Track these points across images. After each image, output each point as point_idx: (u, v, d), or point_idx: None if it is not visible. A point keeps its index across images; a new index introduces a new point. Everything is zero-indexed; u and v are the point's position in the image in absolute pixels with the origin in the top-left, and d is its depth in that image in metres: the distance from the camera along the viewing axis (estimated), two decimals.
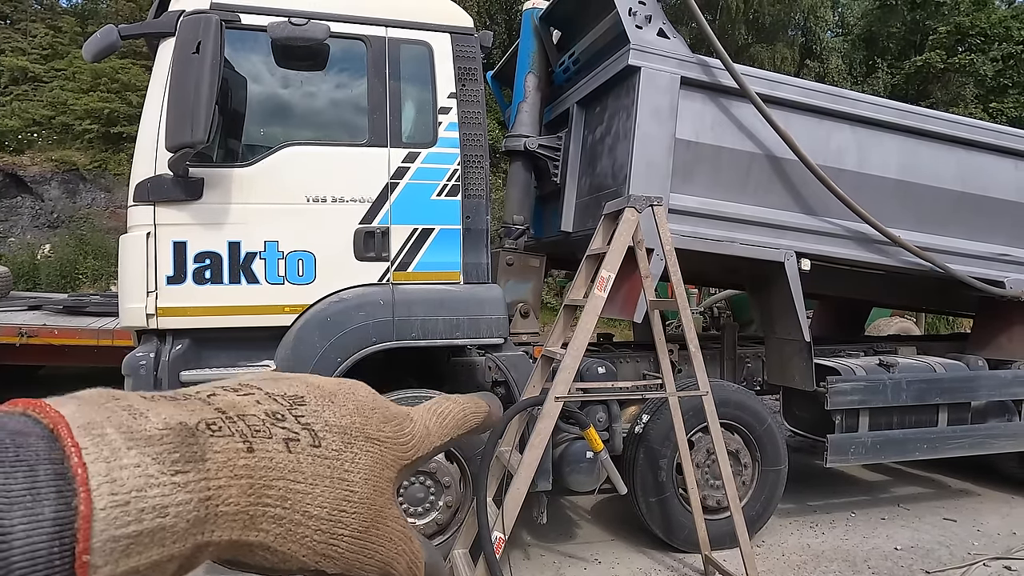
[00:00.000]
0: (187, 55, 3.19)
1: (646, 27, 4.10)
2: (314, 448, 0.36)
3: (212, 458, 0.31)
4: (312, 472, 0.35)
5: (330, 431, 0.37)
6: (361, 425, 0.39)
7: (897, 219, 4.71)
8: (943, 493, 5.66)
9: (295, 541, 0.34)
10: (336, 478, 0.36)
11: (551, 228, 4.94)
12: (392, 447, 0.40)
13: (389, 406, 0.43)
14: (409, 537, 0.41)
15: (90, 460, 0.28)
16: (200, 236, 3.45)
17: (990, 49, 20.99)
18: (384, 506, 0.39)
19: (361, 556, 0.37)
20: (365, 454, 0.38)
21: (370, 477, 0.38)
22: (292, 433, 0.35)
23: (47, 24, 17.25)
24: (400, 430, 0.42)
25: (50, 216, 15.14)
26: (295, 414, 0.36)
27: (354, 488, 0.37)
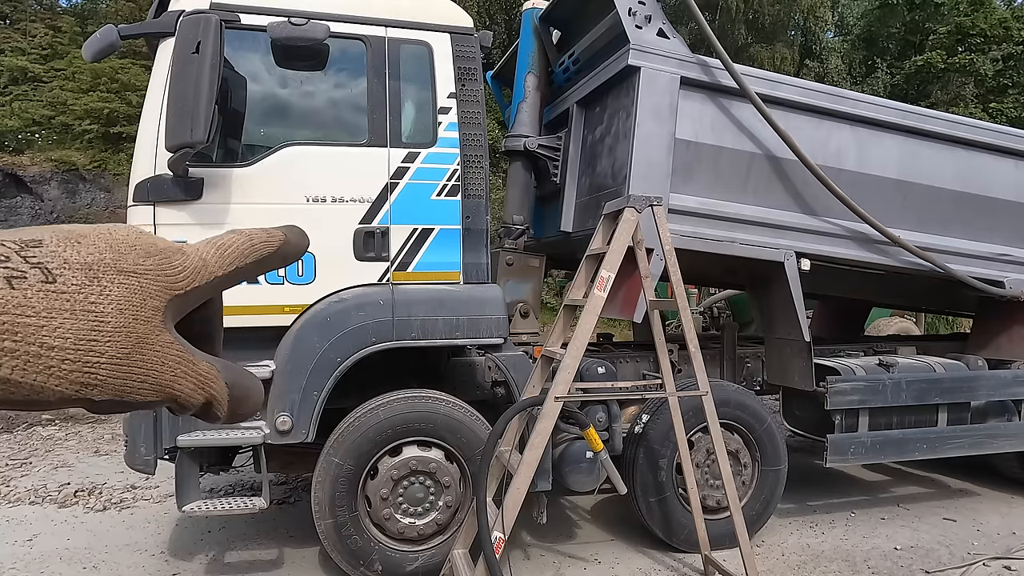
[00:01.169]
0: (187, 55, 3.19)
1: (646, 27, 4.10)
2: (46, 284, 0.35)
3: None
4: (45, 307, 0.34)
5: (69, 268, 0.36)
6: (113, 261, 0.38)
7: (897, 219, 4.71)
8: (943, 493, 5.66)
9: (39, 372, 0.34)
10: (79, 310, 0.35)
11: (551, 228, 4.93)
12: (156, 278, 0.39)
13: (156, 242, 0.41)
14: (191, 360, 0.40)
15: None
16: (200, 236, 3.40)
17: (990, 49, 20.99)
18: (149, 333, 0.38)
19: (130, 381, 0.37)
20: (118, 286, 0.37)
21: (126, 307, 0.37)
22: (17, 272, 0.34)
23: (47, 24, 17.23)
24: (167, 262, 0.40)
25: (50, 216, 15.12)
26: (24, 255, 0.35)
27: (106, 319, 0.36)
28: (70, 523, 4.67)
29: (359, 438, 3.61)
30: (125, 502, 5.07)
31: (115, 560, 4.08)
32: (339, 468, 3.58)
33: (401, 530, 3.68)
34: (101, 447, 6.61)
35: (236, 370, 0.45)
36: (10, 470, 5.83)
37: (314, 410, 3.53)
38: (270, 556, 4.21)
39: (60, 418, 7.67)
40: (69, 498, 5.10)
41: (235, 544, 4.37)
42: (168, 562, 4.09)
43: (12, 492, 5.25)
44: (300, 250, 0.48)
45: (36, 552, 4.17)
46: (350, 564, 3.64)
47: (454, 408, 3.76)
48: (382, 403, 3.66)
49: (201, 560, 4.14)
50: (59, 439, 6.90)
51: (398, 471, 3.66)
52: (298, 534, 4.45)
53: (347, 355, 3.58)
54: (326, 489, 3.58)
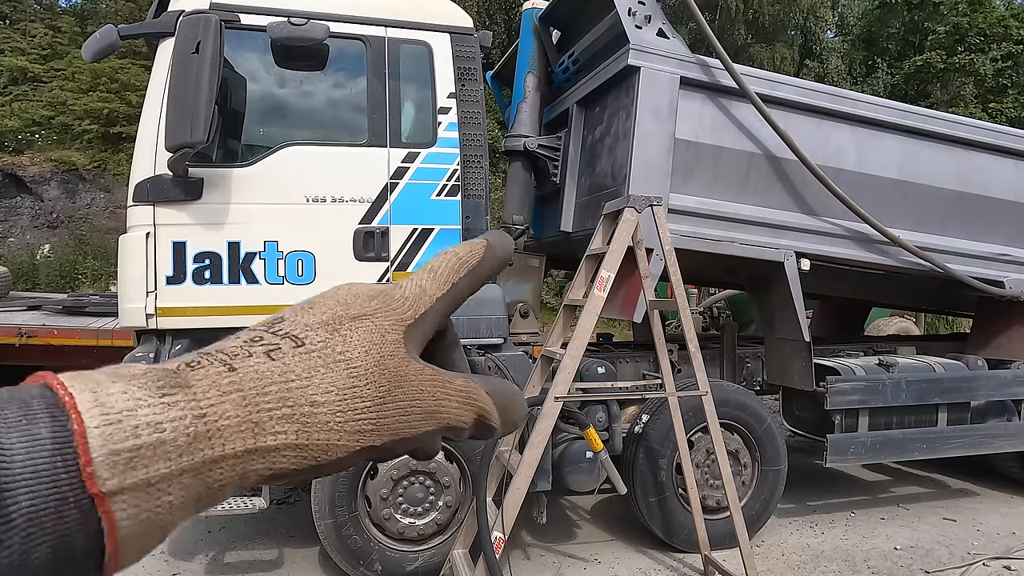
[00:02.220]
0: (187, 55, 3.19)
1: (646, 27, 4.10)
2: (297, 348, 0.37)
3: (196, 384, 0.33)
4: (303, 368, 0.36)
5: (311, 329, 0.38)
6: (344, 312, 0.40)
7: (897, 219, 4.71)
8: (943, 493, 5.66)
9: (319, 430, 0.35)
10: (332, 363, 0.37)
11: (551, 228, 4.93)
12: (385, 314, 0.40)
13: (375, 287, 0.43)
14: (447, 380, 0.41)
15: (77, 391, 0.30)
16: (200, 236, 3.45)
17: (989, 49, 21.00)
18: (399, 366, 0.39)
19: (400, 416, 0.38)
20: (356, 331, 0.39)
21: (370, 348, 0.38)
22: (272, 345, 0.36)
23: (46, 24, 17.24)
24: (388, 298, 0.42)
25: (49, 216, 15.13)
26: (273, 331, 0.38)
27: (356, 363, 0.37)
28: None
29: None
30: None
31: None
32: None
33: (401, 530, 3.68)
34: None
35: (491, 379, 0.45)
36: None
37: None
38: (270, 556, 4.21)
39: None
40: None
41: (235, 544, 4.37)
42: (168, 562, 4.09)
43: None
44: (507, 252, 0.48)
45: None
46: (350, 564, 3.64)
47: None
48: None
49: (201, 560, 4.14)
50: None
51: (398, 471, 3.66)
52: (298, 534, 4.45)
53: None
54: (326, 489, 3.58)
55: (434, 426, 0.40)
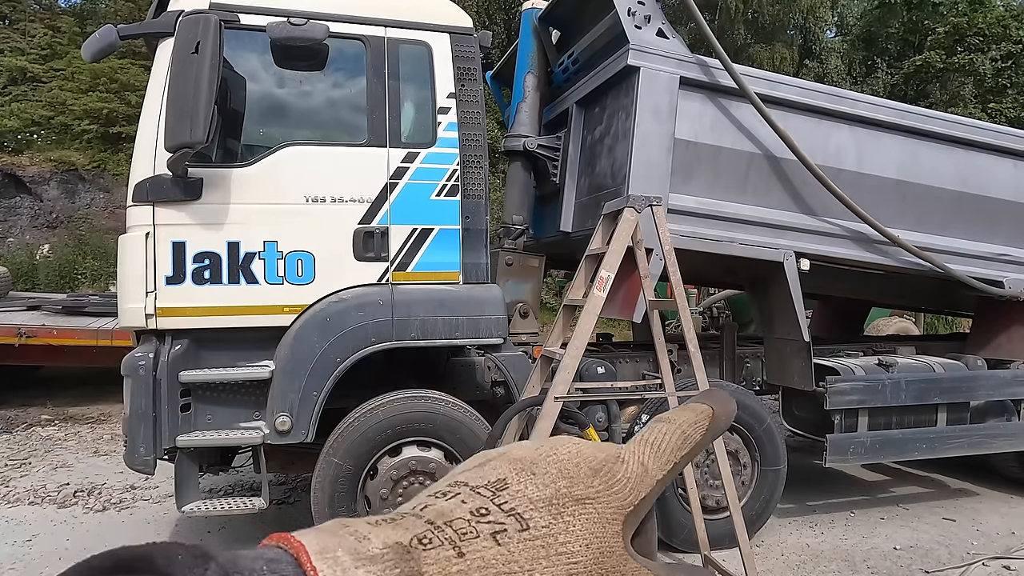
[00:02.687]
0: (186, 55, 3.19)
1: (645, 27, 4.10)
2: (522, 532, 0.36)
3: (428, 570, 0.33)
4: (527, 558, 0.35)
5: (535, 508, 0.37)
6: (567, 489, 0.38)
7: (896, 219, 4.72)
8: (942, 493, 5.66)
9: None
10: (554, 555, 0.36)
11: (550, 228, 4.93)
12: (607, 500, 0.39)
13: (596, 453, 0.41)
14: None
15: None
16: (199, 236, 3.46)
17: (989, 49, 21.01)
18: (617, 565, 0.38)
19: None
20: (579, 519, 0.37)
21: (591, 541, 0.37)
22: (498, 524, 0.36)
23: (46, 24, 17.23)
24: (612, 478, 0.40)
25: (49, 216, 15.13)
26: (497, 502, 0.37)
27: (576, 558, 0.36)
28: (69, 523, 4.67)
29: (359, 438, 3.60)
30: (125, 502, 5.07)
31: None
32: (339, 468, 3.58)
33: None
34: (100, 447, 6.61)
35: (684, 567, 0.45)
36: (9, 470, 5.83)
37: (314, 410, 3.52)
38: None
39: (60, 419, 7.67)
40: (68, 498, 5.10)
41: (235, 544, 4.37)
42: None
43: (11, 492, 5.25)
44: (729, 420, 0.46)
45: (35, 552, 4.17)
46: None
47: (454, 408, 3.76)
48: (382, 403, 3.66)
49: None
50: (58, 439, 6.89)
51: (398, 471, 3.66)
52: None
53: (347, 355, 3.58)
54: (326, 489, 3.58)
55: None
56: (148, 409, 3.39)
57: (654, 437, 0.43)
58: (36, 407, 8.00)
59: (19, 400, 8.07)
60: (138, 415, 3.39)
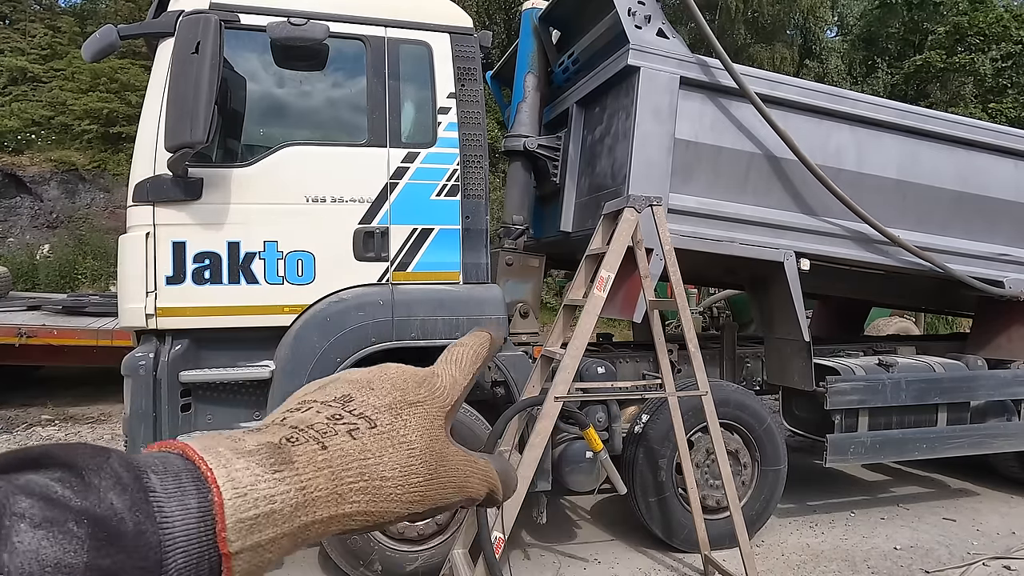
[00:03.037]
0: (186, 55, 3.19)
1: (645, 27, 4.10)
2: (372, 429, 0.44)
3: (298, 460, 0.40)
4: (377, 447, 0.43)
5: (379, 412, 0.45)
6: (401, 397, 0.47)
7: (897, 219, 4.71)
8: (942, 493, 5.66)
9: (383, 500, 0.43)
10: (397, 443, 0.44)
11: (550, 228, 4.93)
12: (431, 402, 0.48)
13: (416, 371, 0.51)
14: (472, 460, 0.49)
15: (214, 466, 0.37)
16: (199, 236, 3.45)
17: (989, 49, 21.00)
18: (443, 449, 0.47)
19: (439, 491, 0.46)
20: (413, 417, 0.46)
21: (424, 432, 0.46)
22: (352, 424, 0.43)
23: (46, 24, 17.23)
24: (432, 386, 0.50)
25: (49, 216, 15.13)
26: (348, 409, 0.45)
27: (414, 445, 0.45)
28: None
29: None
30: None
31: None
32: None
33: (401, 530, 3.68)
34: None
35: (497, 459, 0.54)
36: None
37: None
38: None
39: (60, 419, 7.67)
40: None
41: None
42: None
43: None
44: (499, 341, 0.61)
45: None
46: (350, 564, 3.64)
47: None
48: None
49: None
50: (59, 439, 6.89)
51: None
52: None
53: (347, 355, 3.58)
54: None
55: (460, 498, 0.48)
56: (148, 409, 3.39)
57: (455, 356, 0.54)
58: (36, 407, 8.00)
59: (19, 400, 8.07)
60: (138, 415, 3.39)
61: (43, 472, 0.33)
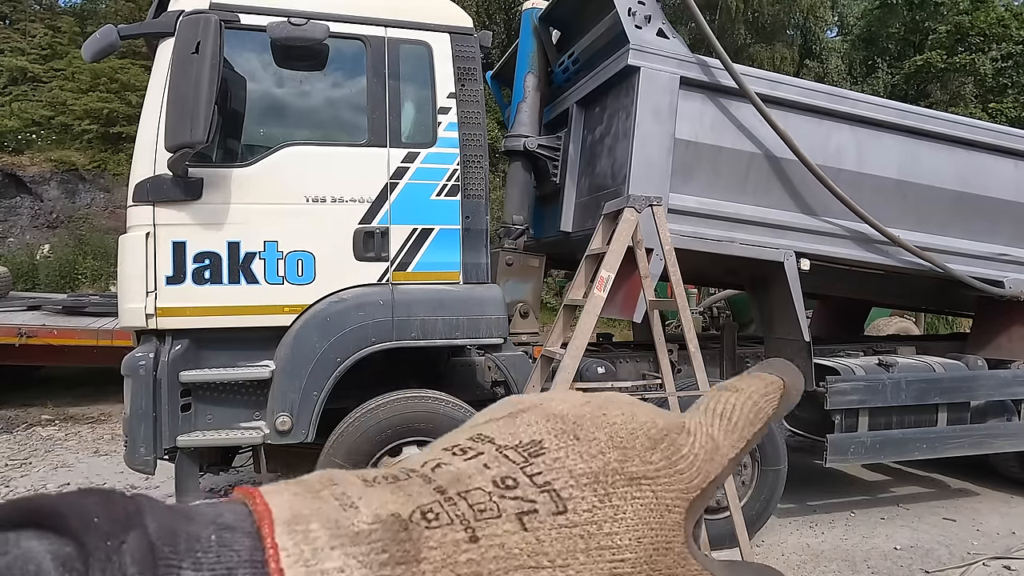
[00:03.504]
0: (186, 55, 3.19)
1: (645, 27, 4.10)
2: (557, 516, 0.28)
3: (428, 556, 0.26)
4: (559, 549, 0.28)
5: (576, 485, 0.29)
6: (619, 464, 0.30)
7: (897, 219, 4.71)
8: (943, 493, 5.66)
9: None
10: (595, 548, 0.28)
11: (551, 228, 4.93)
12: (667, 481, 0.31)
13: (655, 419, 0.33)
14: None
15: (288, 564, 0.25)
16: (199, 236, 3.46)
17: (990, 49, 21.00)
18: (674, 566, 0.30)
19: None
20: (631, 503, 0.30)
21: (645, 533, 0.29)
22: (527, 503, 0.28)
23: (46, 24, 17.23)
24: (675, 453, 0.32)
25: (49, 216, 15.13)
26: (529, 472, 0.29)
27: (624, 554, 0.29)
28: None
29: (359, 438, 3.60)
30: None
31: None
32: (339, 468, 3.58)
33: None
34: (101, 447, 6.61)
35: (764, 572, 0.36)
36: (10, 470, 5.83)
37: (314, 410, 3.53)
38: None
39: (60, 419, 7.67)
40: None
41: None
42: None
43: (12, 492, 5.25)
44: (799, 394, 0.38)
45: None
46: None
47: (454, 408, 3.76)
48: (382, 403, 3.66)
49: None
50: (59, 439, 6.89)
51: None
52: None
53: (347, 355, 3.58)
54: None
55: None
56: (148, 409, 3.39)
57: (723, 407, 0.35)
58: (36, 407, 8.00)
59: (19, 400, 8.07)
60: (138, 415, 3.39)
61: (43, 538, 0.23)
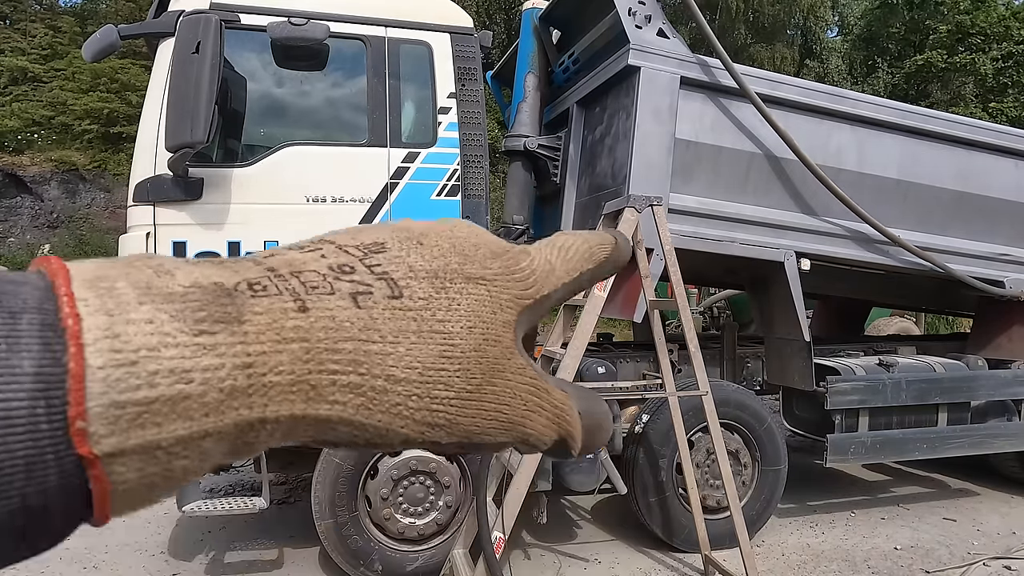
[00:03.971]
0: (187, 55, 3.19)
1: (646, 27, 4.09)
2: (392, 300, 0.29)
3: (251, 320, 0.26)
4: (392, 328, 0.29)
5: (415, 277, 0.30)
6: (459, 265, 0.32)
7: (897, 219, 4.71)
8: (943, 493, 5.66)
9: (384, 412, 0.28)
10: (427, 331, 0.29)
11: (551, 228, 4.93)
12: (504, 284, 0.33)
13: (499, 241, 0.36)
14: (544, 388, 0.33)
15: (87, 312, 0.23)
16: (200, 236, 3.46)
17: (990, 49, 21.00)
18: (501, 356, 0.31)
19: (479, 420, 0.31)
20: (467, 297, 0.31)
21: (476, 324, 0.31)
22: (362, 285, 0.29)
23: (47, 24, 17.23)
24: (514, 263, 0.34)
25: (50, 216, 15.13)
26: (368, 263, 0.30)
27: (454, 340, 0.30)
28: None
29: None
30: None
31: (115, 560, 4.08)
32: (339, 468, 3.58)
33: (401, 530, 3.68)
34: None
35: (587, 396, 0.37)
36: None
37: None
38: (270, 556, 4.21)
39: None
40: None
41: (235, 544, 4.37)
42: (168, 562, 4.09)
43: None
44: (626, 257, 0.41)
45: None
46: (350, 564, 3.64)
47: None
48: None
49: (201, 560, 4.14)
50: None
51: (398, 471, 3.66)
52: (298, 534, 4.45)
53: None
54: (326, 489, 3.58)
55: (511, 439, 0.33)
56: None
57: (562, 242, 0.38)
58: None
59: None
60: None
61: None
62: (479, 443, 0.32)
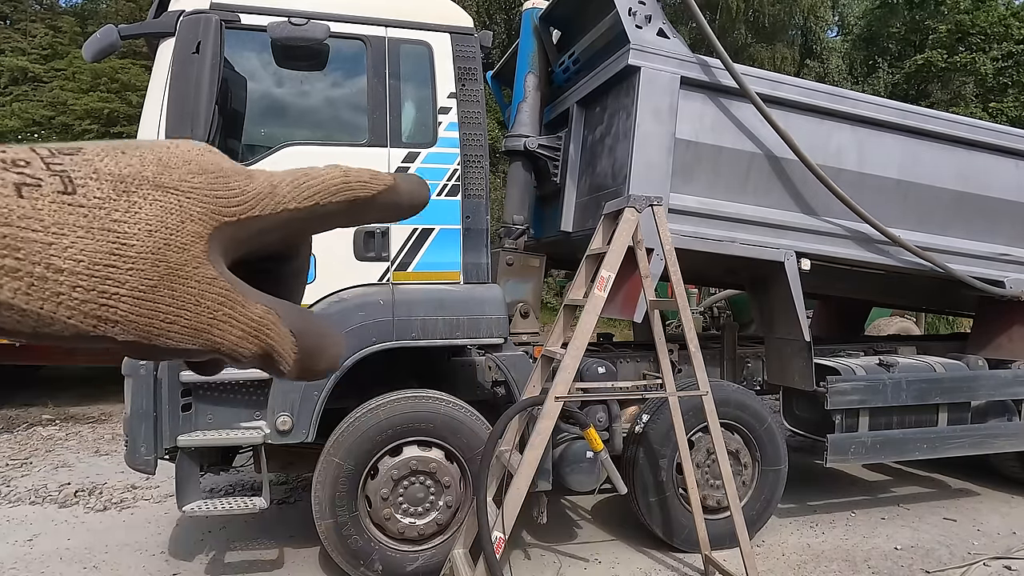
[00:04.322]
0: (187, 55, 3.19)
1: (646, 27, 4.09)
2: (62, 195, 0.30)
3: None
4: (56, 220, 0.29)
5: (98, 179, 0.31)
6: (154, 175, 0.32)
7: (897, 219, 4.71)
8: (943, 493, 5.66)
9: (46, 299, 0.29)
10: (98, 228, 0.30)
11: (551, 228, 4.93)
12: (203, 198, 0.33)
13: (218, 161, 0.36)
14: (240, 303, 0.34)
15: None
16: None
17: (990, 48, 21.00)
18: (184, 263, 0.32)
19: (157, 321, 0.32)
20: (152, 203, 0.32)
21: (158, 228, 0.32)
22: (31, 178, 0.29)
23: (47, 24, 17.23)
24: (222, 182, 0.35)
25: None
26: (48, 162, 0.30)
27: (130, 240, 0.31)
28: (70, 523, 4.67)
29: (359, 438, 3.61)
30: (125, 502, 5.07)
31: (115, 560, 4.09)
32: (339, 468, 3.58)
33: (401, 530, 3.68)
34: (101, 447, 6.61)
35: (306, 316, 0.37)
36: (10, 470, 5.83)
37: (314, 410, 3.53)
38: (270, 556, 4.21)
39: (60, 418, 7.67)
40: (69, 498, 5.10)
41: (235, 544, 4.38)
42: (168, 562, 4.09)
43: (12, 492, 5.25)
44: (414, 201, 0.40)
45: (36, 552, 4.17)
46: (350, 564, 3.64)
47: (454, 408, 3.76)
48: (382, 403, 3.66)
49: (201, 560, 4.14)
50: (59, 439, 6.90)
51: (398, 471, 3.66)
52: (298, 534, 4.45)
53: (347, 355, 3.58)
54: (326, 489, 3.58)
55: (199, 346, 0.33)
56: (149, 409, 3.40)
57: (308, 171, 0.38)
58: (37, 407, 8.01)
59: (20, 400, 8.08)
60: (139, 415, 3.39)
61: None
62: (163, 346, 0.32)
